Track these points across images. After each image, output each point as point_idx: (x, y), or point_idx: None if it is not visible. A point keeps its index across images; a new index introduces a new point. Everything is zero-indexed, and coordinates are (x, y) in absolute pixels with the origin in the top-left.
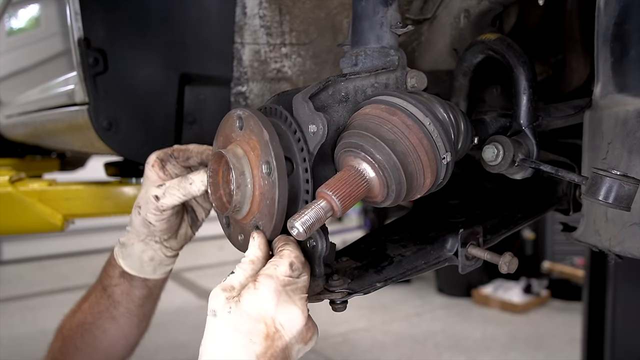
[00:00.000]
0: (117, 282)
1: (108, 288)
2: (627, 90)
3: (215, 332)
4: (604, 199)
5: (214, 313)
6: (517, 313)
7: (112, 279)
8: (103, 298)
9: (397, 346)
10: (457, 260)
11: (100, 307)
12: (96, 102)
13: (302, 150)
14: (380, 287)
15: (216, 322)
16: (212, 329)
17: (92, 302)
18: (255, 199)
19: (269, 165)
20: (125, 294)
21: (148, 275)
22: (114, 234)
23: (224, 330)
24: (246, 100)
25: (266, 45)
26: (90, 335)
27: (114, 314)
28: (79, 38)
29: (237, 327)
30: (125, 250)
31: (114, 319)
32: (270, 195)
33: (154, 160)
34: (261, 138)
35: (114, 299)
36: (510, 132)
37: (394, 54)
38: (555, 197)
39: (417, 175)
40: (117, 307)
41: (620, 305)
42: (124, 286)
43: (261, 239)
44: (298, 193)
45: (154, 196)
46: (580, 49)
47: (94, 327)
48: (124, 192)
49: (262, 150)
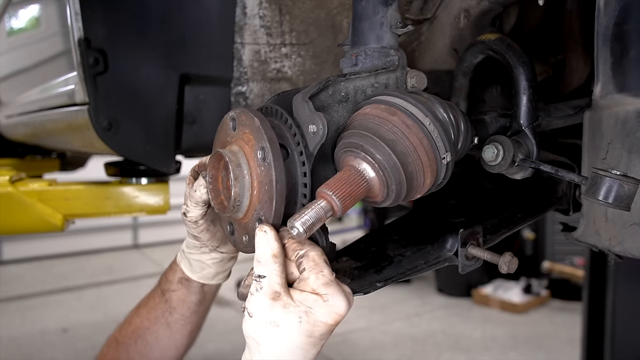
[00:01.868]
0: (176, 288)
1: (166, 293)
2: (627, 90)
3: (283, 341)
4: (604, 199)
5: (275, 324)
6: (517, 313)
7: (171, 284)
8: (161, 303)
9: (397, 346)
10: (457, 260)
11: (157, 312)
12: (96, 102)
13: (298, 145)
14: (380, 287)
15: (282, 332)
16: (278, 339)
17: (150, 307)
18: (254, 190)
19: (263, 151)
20: (182, 300)
21: (207, 280)
22: (114, 234)
23: (295, 339)
24: (246, 100)
25: (266, 45)
26: (143, 342)
27: (169, 320)
28: (79, 38)
29: (311, 334)
30: (188, 258)
31: (169, 325)
32: (268, 179)
33: (187, 178)
34: (253, 127)
35: (170, 304)
36: (510, 132)
37: (394, 54)
38: (555, 197)
39: (417, 175)
40: (173, 314)
41: (620, 305)
42: (181, 292)
43: (273, 231)
44: (296, 181)
45: (183, 213)
46: (580, 49)
47: (148, 333)
48: (124, 192)
49: (255, 139)
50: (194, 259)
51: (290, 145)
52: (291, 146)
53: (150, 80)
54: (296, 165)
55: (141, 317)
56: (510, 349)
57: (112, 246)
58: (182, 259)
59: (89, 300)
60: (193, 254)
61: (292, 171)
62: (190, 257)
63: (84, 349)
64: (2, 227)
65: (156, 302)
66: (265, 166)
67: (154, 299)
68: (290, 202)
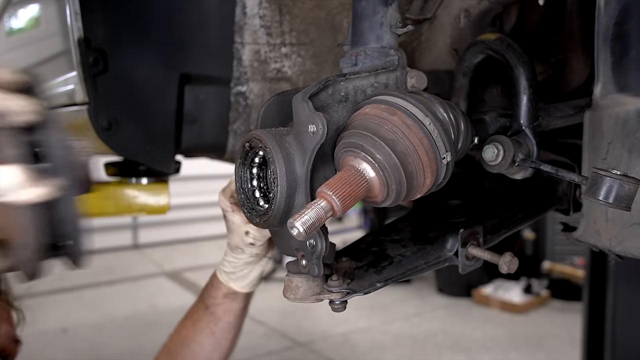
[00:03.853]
0: (221, 302)
1: (211, 307)
2: (627, 90)
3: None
4: (604, 199)
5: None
6: (517, 313)
7: (215, 299)
8: (205, 315)
9: (397, 346)
10: (457, 260)
11: (202, 323)
12: (96, 102)
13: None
14: (380, 287)
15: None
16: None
17: (195, 319)
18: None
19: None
20: (228, 310)
21: (252, 287)
22: (114, 234)
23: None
24: (246, 100)
25: (266, 45)
26: (188, 351)
27: (213, 329)
28: (78, 38)
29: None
30: (235, 275)
31: (213, 334)
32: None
33: (231, 207)
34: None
35: (216, 316)
36: (511, 132)
37: (393, 54)
38: (556, 197)
39: (417, 175)
40: (218, 323)
41: (620, 305)
42: (227, 304)
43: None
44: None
45: (250, 243)
46: (580, 48)
47: (194, 343)
48: (124, 192)
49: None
50: (240, 275)
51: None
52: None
53: (150, 80)
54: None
55: (187, 328)
56: (510, 349)
57: (112, 246)
58: (228, 280)
59: (88, 300)
60: (242, 270)
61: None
62: (238, 274)
63: (84, 349)
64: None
65: (200, 315)
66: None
67: (197, 312)
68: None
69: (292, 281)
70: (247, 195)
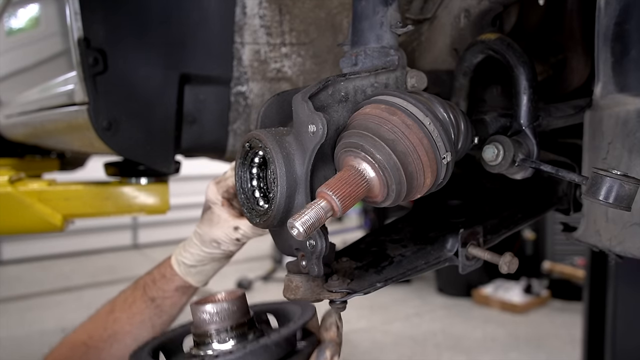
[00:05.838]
0: (171, 295)
1: (157, 299)
2: (628, 90)
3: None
4: (605, 199)
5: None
6: (517, 313)
7: (165, 292)
8: (148, 308)
9: (397, 346)
10: (457, 260)
11: (143, 316)
12: (96, 102)
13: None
14: (380, 287)
15: None
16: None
17: (133, 312)
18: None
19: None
20: (175, 304)
21: (204, 281)
22: (114, 234)
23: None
24: (246, 100)
25: (266, 45)
26: (120, 346)
27: (155, 323)
28: (78, 38)
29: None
30: (195, 269)
31: (154, 327)
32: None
33: (222, 201)
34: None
35: (161, 309)
36: (511, 132)
37: (394, 54)
38: (556, 197)
39: (417, 175)
40: (162, 317)
41: (620, 305)
42: (176, 298)
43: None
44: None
45: (236, 239)
46: (580, 49)
47: (129, 336)
48: (124, 192)
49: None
50: (204, 271)
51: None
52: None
53: (150, 80)
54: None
55: (121, 322)
56: (510, 349)
57: (112, 246)
58: (186, 274)
59: (88, 301)
60: (206, 265)
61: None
62: (199, 269)
63: None
64: (1, 227)
65: (141, 308)
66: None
67: (137, 305)
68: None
69: (292, 281)
70: (247, 195)
